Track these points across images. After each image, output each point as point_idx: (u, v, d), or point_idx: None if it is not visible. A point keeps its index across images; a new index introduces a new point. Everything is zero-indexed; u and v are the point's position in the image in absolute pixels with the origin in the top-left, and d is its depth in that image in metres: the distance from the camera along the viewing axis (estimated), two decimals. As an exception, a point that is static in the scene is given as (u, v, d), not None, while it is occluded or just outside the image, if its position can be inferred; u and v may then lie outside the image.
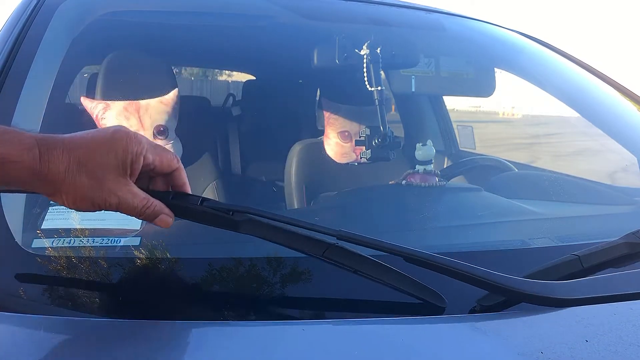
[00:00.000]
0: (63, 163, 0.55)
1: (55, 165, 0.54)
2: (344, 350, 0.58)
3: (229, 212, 0.63)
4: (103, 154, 0.56)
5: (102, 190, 0.56)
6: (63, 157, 0.55)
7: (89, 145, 0.56)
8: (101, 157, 0.56)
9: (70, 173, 0.55)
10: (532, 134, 3.39)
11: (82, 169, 0.55)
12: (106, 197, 0.57)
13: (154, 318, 0.64)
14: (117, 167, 0.57)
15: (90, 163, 0.56)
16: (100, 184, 0.56)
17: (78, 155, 0.55)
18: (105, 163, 0.56)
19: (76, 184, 0.55)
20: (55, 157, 0.54)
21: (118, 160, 0.57)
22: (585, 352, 0.58)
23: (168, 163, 0.62)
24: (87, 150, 0.56)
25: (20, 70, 0.92)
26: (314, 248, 0.63)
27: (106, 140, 0.57)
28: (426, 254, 0.64)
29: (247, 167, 1.92)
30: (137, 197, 0.59)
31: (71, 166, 0.55)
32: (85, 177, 0.55)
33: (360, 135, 1.42)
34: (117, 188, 0.57)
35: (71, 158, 0.55)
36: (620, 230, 0.77)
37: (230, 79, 4.14)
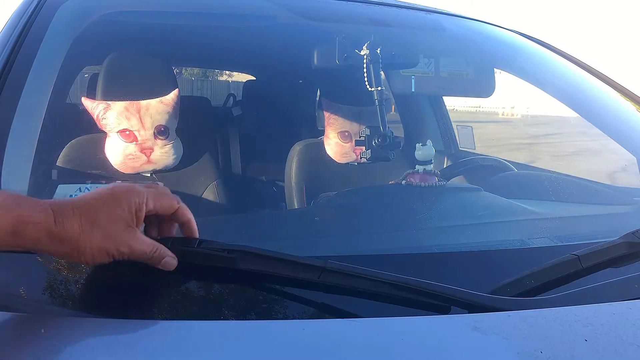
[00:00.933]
0: (76, 223, 0.59)
1: (70, 225, 0.59)
2: (344, 349, 0.59)
3: (225, 252, 0.66)
4: (110, 209, 0.62)
5: (116, 242, 0.61)
6: (74, 218, 0.59)
7: (95, 204, 0.62)
8: (109, 213, 0.61)
9: (84, 232, 0.59)
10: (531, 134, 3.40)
11: (95, 225, 0.60)
12: (119, 247, 0.62)
13: (154, 318, 0.64)
14: (125, 219, 0.62)
15: (100, 220, 0.61)
16: (113, 236, 0.61)
17: (88, 214, 0.60)
18: (114, 217, 0.62)
19: (92, 240, 0.60)
20: (68, 217, 0.59)
21: (124, 213, 0.62)
22: (584, 352, 0.59)
23: (169, 205, 0.67)
24: (94, 209, 0.61)
25: (21, 70, 0.93)
26: (309, 273, 0.66)
27: (109, 197, 0.63)
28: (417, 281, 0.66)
29: (247, 167, 1.92)
30: (145, 243, 0.64)
31: (84, 225, 0.59)
32: (98, 233, 0.60)
33: (360, 135, 1.42)
34: (128, 237, 0.62)
35: (82, 218, 0.60)
36: (620, 230, 0.77)
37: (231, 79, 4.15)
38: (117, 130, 1.22)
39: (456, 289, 0.66)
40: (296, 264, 0.67)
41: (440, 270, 0.80)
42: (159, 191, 0.67)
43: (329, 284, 0.66)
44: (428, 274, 0.73)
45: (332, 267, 0.65)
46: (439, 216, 1.10)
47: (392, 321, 0.65)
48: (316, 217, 1.18)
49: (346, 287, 0.66)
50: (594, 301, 0.68)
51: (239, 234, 0.97)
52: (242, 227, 1.03)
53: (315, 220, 1.13)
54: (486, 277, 0.78)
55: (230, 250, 0.66)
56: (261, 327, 0.63)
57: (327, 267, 0.65)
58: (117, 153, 1.23)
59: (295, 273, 0.66)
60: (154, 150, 1.25)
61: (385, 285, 0.65)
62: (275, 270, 0.67)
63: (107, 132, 1.23)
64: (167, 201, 0.67)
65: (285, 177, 1.51)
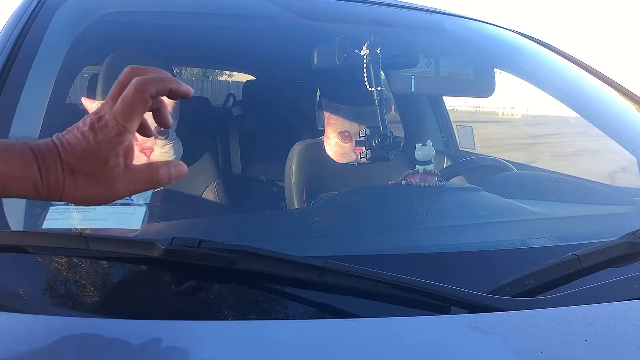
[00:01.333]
0: (60, 171, 0.54)
1: (54, 175, 0.54)
2: (344, 349, 0.59)
3: (225, 252, 0.66)
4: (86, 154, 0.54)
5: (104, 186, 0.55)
6: (57, 166, 0.54)
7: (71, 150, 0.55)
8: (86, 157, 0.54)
9: (68, 180, 0.54)
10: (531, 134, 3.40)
11: (77, 173, 0.54)
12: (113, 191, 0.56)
13: (154, 318, 0.64)
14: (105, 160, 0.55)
15: (81, 166, 0.54)
16: (99, 181, 0.55)
17: (68, 162, 0.54)
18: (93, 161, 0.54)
19: (78, 187, 0.54)
20: (52, 167, 0.54)
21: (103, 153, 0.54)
22: (584, 352, 0.59)
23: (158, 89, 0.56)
24: (73, 156, 0.54)
25: (21, 70, 0.93)
26: (309, 273, 0.66)
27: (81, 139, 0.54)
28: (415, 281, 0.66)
29: (247, 167, 1.92)
30: (140, 170, 0.57)
31: (66, 174, 0.54)
32: (83, 179, 0.54)
33: (360, 135, 1.42)
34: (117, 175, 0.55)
35: (64, 166, 0.54)
36: (620, 230, 0.77)
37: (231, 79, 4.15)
38: (117, 130, 1.22)
39: (456, 289, 0.66)
40: (296, 264, 0.67)
41: (440, 270, 0.81)
42: (126, 96, 0.55)
43: (329, 284, 0.66)
44: (428, 274, 0.73)
45: (332, 267, 0.65)
46: (439, 216, 1.10)
47: (392, 321, 0.65)
48: (316, 217, 1.18)
49: (346, 287, 0.66)
50: (594, 301, 0.68)
51: (239, 234, 0.97)
52: (242, 227, 1.03)
53: (315, 220, 1.13)
54: (486, 277, 0.78)
55: (230, 250, 0.66)
56: (261, 327, 0.63)
57: (327, 267, 0.65)
58: (117, 153, 1.22)
59: (295, 273, 0.66)
60: (154, 150, 1.25)
61: (385, 285, 0.65)
62: (275, 270, 0.67)
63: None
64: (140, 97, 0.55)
65: (285, 177, 1.51)
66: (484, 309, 0.65)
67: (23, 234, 0.71)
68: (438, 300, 0.66)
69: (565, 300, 0.67)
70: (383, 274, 0.66)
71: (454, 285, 0.66)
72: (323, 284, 0.66)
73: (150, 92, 0.55)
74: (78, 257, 0.69)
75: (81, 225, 0.82)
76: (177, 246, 0.66)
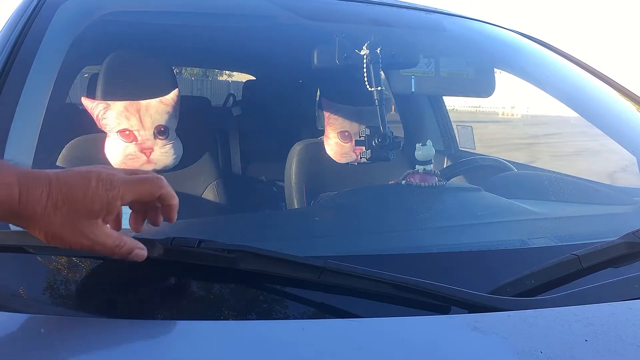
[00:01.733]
0: (41, 204, 0.55)
1: (32, 206, 0.55)
2: (344, 349, 0.59)
3: (225, 252, 0.66)
4: (78, 199, 0.57)
5: (74, 233, 0.57)
6: (41, 198, 0.55)
7: (65, 188, 0.57)
8: (76, 202, 0.57)
9: (46, 214, 0.55)
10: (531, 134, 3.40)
11: (58, 212, 0.56)
12: (78, 239, 0.57)
13: (154, 317, 0.64)
14: (91, 213, 0.57)
15: (65, 206, 0.56)
16: (73, 226, 0.57)
17: (55, 198, 0.56)
18: (80, 208, 0.57)
19: (51, 223, 0.56)
20: (34, 197, 0.55)
21: (92, 206, 0.57)
22: (584, 352, 0.59)
23: (149, 192, 0.62)
24: (64, 194, 0.56)
25: (20, 70, 0.93)
26: (309, 273, 0.66)
27: (82, 184, 0.58)
28: (416, 281, 0.66)
29: (247, 167, 1.93)
30: (110, 237, 0.60)
31: (48, 209, 0.55)
32: (60, 219, 0.56)
33: (360, 135, 1.42)
34: (89, 231, 0.58)
35: (49, 201, 0.55)
36: (620, 230, 0.77)
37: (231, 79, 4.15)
38: (117, 130, 1.22)
39: (456, 289, 0.66)
40: (296, 264, 0.67)
41: (440, 270, 0.80)
42: (138, 179, 0.62)
43: (329, 284, 0.66)
44: (428, 274, 0.73)
45: (332, 267, 0.65)
46: (438, 216, 1.10)
47: (392, 321, 0.65)
48: (316, 217, 1.18)
49: (346, 287, 0.66)
50: (594, 301, 0.68)
51: (239, 234, 0.97)
52: (242, 227, 1.03)
53: (315, 220, 1.13)
54: (486, 277, 0.78)
55: (230, 250, 0.66)
56: (261, 327, 0.63)
57: (327, 267, 0.65)
58: (116, 153, 1.23)
59: (295, 273, 0.66)
60: (154, 150, 1.26)
61: (385, 285, 0.65)
62: (275, 270, 0.67)
63: (107, 132, 1.23)
64: (147, 188, 0.62)
65: (285, 177, 1.51)
66: (484, 309, 0.65)
67: (23, 234, 0.71)
68: (438, 300, 0.66)
69: (565, 300, 0.67)
70: (383, 274, 0.66)
71: (454, 285, 0.66)
72: (323, 284, 0.66)
73: (161, 193, 0.63)
74: (78, 257, 0.69)
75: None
76: (177, 246, 0.66)
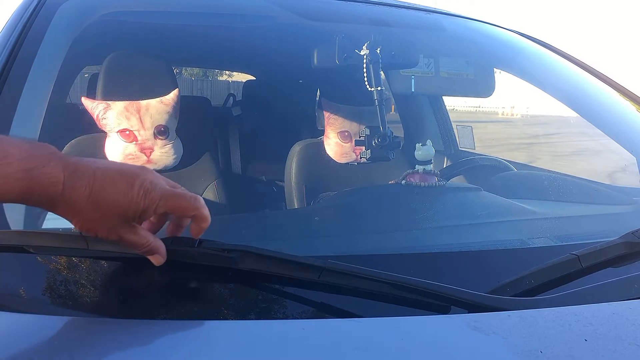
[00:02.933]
0: (81, 201, 0.57)
1: (73, 202, 0.57)
2: (344, 349, 0.59)
3: (225, 252, 0.66)
4: (118, 203, 0.59)
5: (108, 228, 0.60)
6: (83, 195, 0.57)
7: (107, 191, 0.58)
8: (114, 206, 0.59)
9: (85, 210, 0.58)
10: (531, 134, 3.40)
11: (96, 211, 0.58)
12: (109, 233, 0.60)
13: (154, 318, 0.64)
14: (125, 216, 0.59)
15: (103, 206, 0.58)
16: (107, 223, 0.59)
17: (95, 198, 0.57)
18: (116, 212, 0.59)
19: (87, 219, 0.58)
20: (76, 194, 0.57)
21: (128, 212, 0.59)
22: (584, 352, 0.59)
23: (184, 211, 0.64)
24: (104, 196, 0.58)
25: (21, 70, 0.92)
26: (309, 273, 0.66)
27: (123, 190, 0.59)
28: (416, 281, 0.66)
29: (247, 167, 1.93)
30: (138, 236, 0.62)
31: (88, 206, 0.57)
32: (97, 216, 0.58)
33: (360, 135, 1.42)
34: (121, 229, 0.60)
35: (90, 199, 0.57)
36: (620, 230, 0.77)
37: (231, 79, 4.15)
38: (117, 130, 1.22)
39: (456, 288, 0.66)
40: (296, 264, 0.67)
41: (440, 270, 0.81)
42: (177, 195, 0.63)
43: (329, 284, 0.66)
44: (428, 274, 0.73)
45: (332, 267, 0.65)
46: (438, 216, 1.10)
47: (392, 321, 0.65)
48: (316, 217, 1.18)
49: (346, 287, 0.66)
50: (594, 301, 0.68)
51: (239, 234, 0.97)
52: (242, 227, 1.03)
53: (315, 220, 1.13)
54: (486, 277, 0.78)
55: (230, 250, 0.66)
56: (261, 327, 0.63)
57: (327, 267, 0.65)
58: (117, 153, 1.23)
59: (295, 273, 0.66)
60: (154, 150, 1.26)
61: (385, 285, 0.65)
62: (275, 270, 0.66)
63: (107, 132, 1.23)
64: (183, 206, 0.64)
65: (285, 177, 1.51)
66: (484, 309, 0.65)
67: (23, 234, 0.71)
68: (438, 300, 0.66)
69: (565, 300, 0.67)
70: (383, 273, 0.66)
71: (454, 285, 0.66)
72: (323, 283, 0.66)
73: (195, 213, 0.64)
74: (78, 257, 0.69)
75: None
76: (177, 246, 0.66)
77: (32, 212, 0.82)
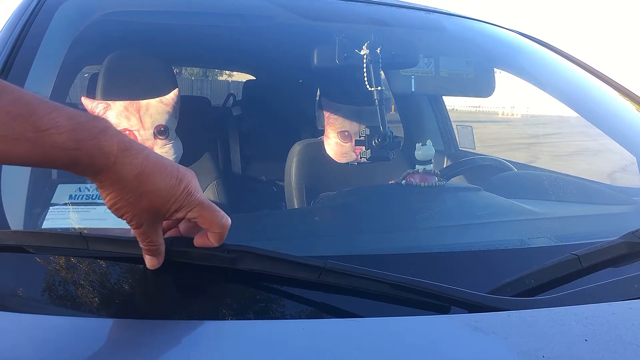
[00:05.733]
0: (130, 176, 0.57)
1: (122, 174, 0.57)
2: (344, 349, 0.59)
3: (225, 252, 0.66)
4: (161, 188, 0.59)
5: (136, 212, 0.59)
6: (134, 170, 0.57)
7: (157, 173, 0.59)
8: (157, 190, 0.59)
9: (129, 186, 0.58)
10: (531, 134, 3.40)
11: (140, 188, 0.58)
12: (131, 217, 0.60)
13: (154, 318, 0.64)
14: (163, 206, 0.60)
15: (148, 186, 0.59)
16: (140, 206, 0.59)
17: (145, 176, 0.58)
18: (157, 196, 0.59)
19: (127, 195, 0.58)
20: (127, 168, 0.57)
21: (167, 203, 0.60)
22: (584, 352, 0.59)
23: (209, 225, 0.64)
24: (153, 176, 0.59)
25: (20, 70, 0.92)
26: (308, 273, 0.66)
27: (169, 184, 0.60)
28: (417, 281, 0.66)
29: (247, 167, 1.92)
30: (157, 233, 0.63)
31: (133, 183, 0.58)
32: (136, 195, 0.58)
33: (360, 135, 1.42)
34: (148, 219, 0.60)
35: (139, 177, 0.58)
36: (620, 229, 0.77)
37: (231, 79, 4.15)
38: (117, 130, 1.22)
39: (456, 289, 0.66)
40: (296, 264, 0.67)
41: (440, 270, 0.80)
42: (212, 210, 0.64)
43: (329, 284, 0.66)
44: (428, 274, 0.73)
45: (332, 267, 0.65)
46: (438, 216, 1.10)
47: (392, 321, 0.65)
48: (316, 217, 1.18)
49: (346, 287, 0.66)
50: (594, 301, 0.68)
51: (239, 234, 0.97)
52: (242, 227, 1.03)
53: (315, 220, 1.13)
54: (486, 277, 0.78)
55: (230, 251, 0.66)
56: (261, 327, 0.63)
57: (327, 267, 0.65)
58: (117, 153, 1.22)
59: (295, 273, 0.66)
60: (154, 150, 1.26)
61: (385, 286, 0.65)
62: (275, 270, 0.66)
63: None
64: (211, 222, 0.64)
65: (285, 177, 1.51)
66: (484, 309, 0.65)
67: (23, 234, 0.71)
68: (438, 300, 0.66)
69: (565, 300, 0.67)
70: (383, 274, 0.66)
71: (454, 285, 0.66)
72: (323, 284, 0.66)
73: (219, 232, 0.65)
74: (78, 257, 0.69)
75: (81, 225, 0.82)
76: (176, 246, 0.66)
77: (32, 212, 0.82)
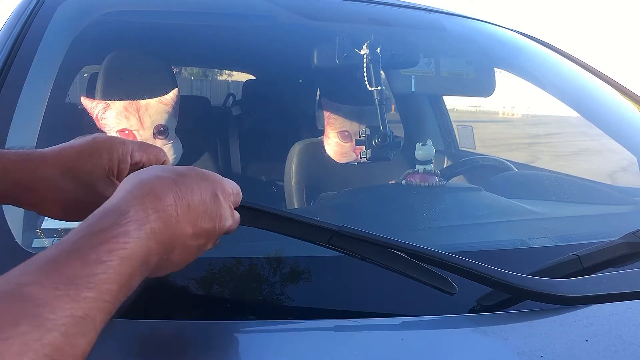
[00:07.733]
0: (47, 173, 0.54)
1: (41, 173, 0.54)
2: (343, 349, 0.58)
3: None
4: (86, 158, 0.55)
5: (92, 194, 0.54)
6: (47, 168, 0.54)
7: (72, 153, 0.55)
8: (85, 162, 0.55)
9: (54, 180, 0.54)
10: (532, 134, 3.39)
11: (68, 175, 0.54)
12: (97, 200, 0.49)
13: (154, 318, 0.64)
14: (104, 169, 0.56)
15: (75, 169, 0.55)
16: (89, 188, 0.55)
17: (62, 163, 0.54)
18: (90, 167, 0.55)
19: (63, 189, 0.54)
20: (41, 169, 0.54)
21: (103, 163, 0.56)
22: (585, 352, 0.58)
23: (155, 158, 0.61)
24: (70, 157, 0.55)
25: (20, 70, 0.92)
26: (319, 236, 0.62)
27: (89, 145, 0.56)
28: (432, 251, 0.63)
29: (247, 166, 1.92)
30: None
31: (55, 174, 0.54)
32: (71, 183, 0.54)
33: (360, 135, 1.42)
34: (106, 190, 0.55)
35: (56, 168, 0.54)
36: (620, 229, 0.77)
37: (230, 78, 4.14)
38: (117, 130, 1.22)
39: (471, 262, 0.63)
40: (307, 225, 0.63)
41: (440, 270, 0.80)
42: (144, 142, 0.61)
43: (337, 249, 0.62)
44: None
45: (345, 232, 0.62)
46: (439, 216, 1.10)
47: (392, 321, 0.65)
48: (316, 217, 1.17)
49: (355, 255, 0.62)
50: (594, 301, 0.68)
51: (238, 234, 0.97)
52: (241, 227, 1.03)
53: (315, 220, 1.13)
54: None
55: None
56: (261, 327, 0.63)
57: (341, 230, 0.62)
58: (116, 153, 1.22)
59: (305, 234, 0.62)
60: (154, 150, 1.25)
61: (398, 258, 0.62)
62: (281, 229, 0.62)
63: (107, 131, 1.23)
64: (155, 153, 0.61)
65: (285, 177, 1.51)
66: (484, 308, 0.65)
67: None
68: (448, 286, 0.62)
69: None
70: (392, 242, 0.62)
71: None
72: (333, 247, 0.62)
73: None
74: None
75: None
76: None
77: (31, 211, 0.82)
